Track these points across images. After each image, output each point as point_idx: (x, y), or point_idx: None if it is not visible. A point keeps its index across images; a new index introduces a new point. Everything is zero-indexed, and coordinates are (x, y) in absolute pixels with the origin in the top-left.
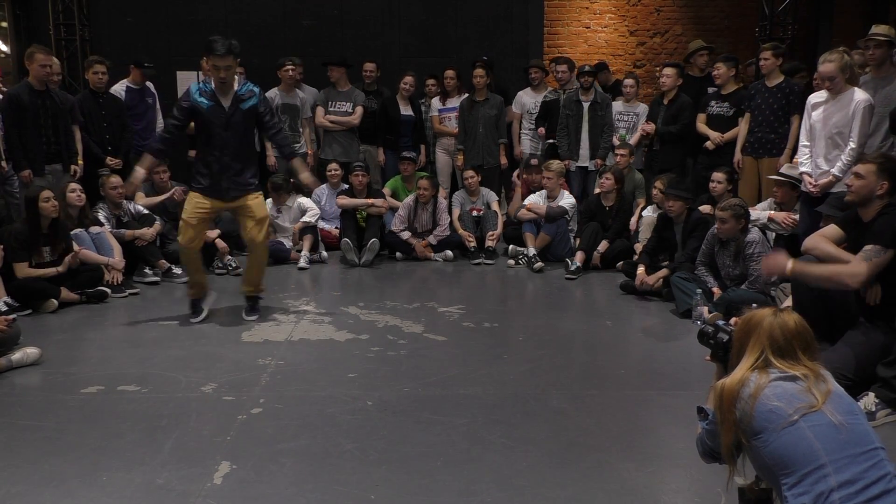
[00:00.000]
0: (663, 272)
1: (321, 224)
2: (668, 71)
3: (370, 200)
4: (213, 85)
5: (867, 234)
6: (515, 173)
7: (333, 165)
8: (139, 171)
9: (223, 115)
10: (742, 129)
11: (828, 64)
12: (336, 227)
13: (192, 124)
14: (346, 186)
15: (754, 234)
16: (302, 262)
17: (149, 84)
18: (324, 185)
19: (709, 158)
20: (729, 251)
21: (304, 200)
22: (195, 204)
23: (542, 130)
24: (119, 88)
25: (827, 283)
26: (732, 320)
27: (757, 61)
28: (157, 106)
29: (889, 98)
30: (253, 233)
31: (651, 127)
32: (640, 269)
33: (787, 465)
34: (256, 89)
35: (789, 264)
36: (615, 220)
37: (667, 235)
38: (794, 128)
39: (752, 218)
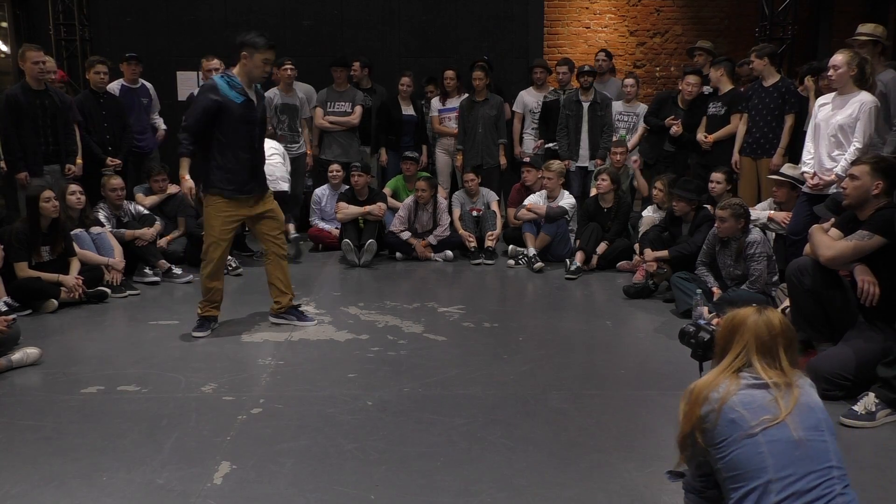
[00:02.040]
0: (664, 253)
1: (321, 224)
2: (692, 79)
3: (367, 209)
4: (239, 80)
5: (863, 225)
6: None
7: (336, 167)
8: (186, 185)
9: (254, 110)
10: (739, 129)
11: (838, 55)
12: (336, 228)
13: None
14: (347, 187)
15: (756, 234)
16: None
17: (146, 84)
18: (325, 186)
19: (703, 158)
20: (730, 251)
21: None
22: (224, 219)
23: (540, 143)
24: (114, 87)
25: (812, 245)
26: (715, 320)
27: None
28: (153, 105)
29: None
30: (276, 245)
31: (679, 129)
32: (646, 252)
33: (737, 479)
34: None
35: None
36: (614, 222)
37: (674, 231)
38: (787, 127)
39: (752, 218)
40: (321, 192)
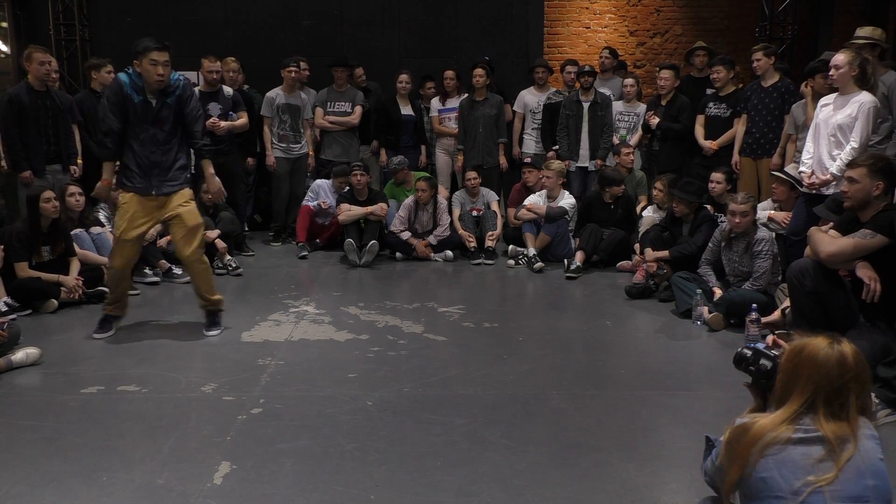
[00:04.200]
0: (664, 253)
1: (312, 204)
2: (666, 73)
3: (369, 209)
4: (143, 80)
5: (864, 225)
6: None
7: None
8: (103, 185)
9: (151, 111)
10: (738, 130)
11: (839, 55)
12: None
13: None
14: (348, 188)
15: (765, 231)
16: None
17: None
18: (329, 181)
19: (706, 159)
20: (738, 247)
21: None
22: (131, 217)
23: (552, 154)
24: None
25: (811, 245)
26: (770, 339)
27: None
28: None
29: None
30: (181, 246)
31: (655, 120)
32: (647, 252)
33: None
34: (182, 79)
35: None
36: (624, 209)
37: (674, 232)
38: (786, 127)
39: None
40: (322, 182)
